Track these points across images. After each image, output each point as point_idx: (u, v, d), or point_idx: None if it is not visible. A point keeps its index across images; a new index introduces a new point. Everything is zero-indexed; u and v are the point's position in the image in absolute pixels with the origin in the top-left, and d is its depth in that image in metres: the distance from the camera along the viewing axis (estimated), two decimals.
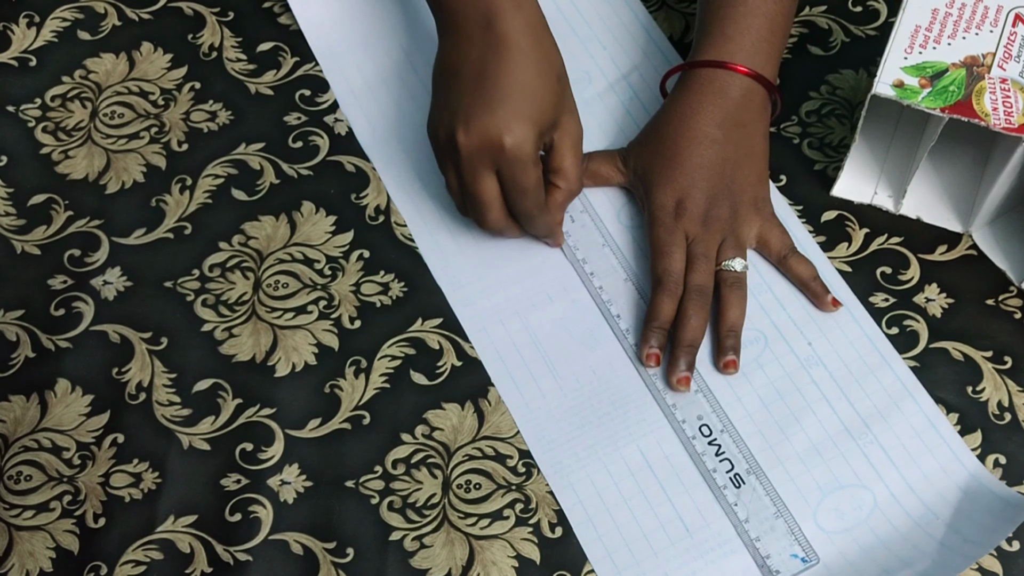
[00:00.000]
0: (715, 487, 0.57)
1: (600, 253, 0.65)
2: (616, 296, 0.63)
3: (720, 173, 0.63)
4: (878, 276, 0.63)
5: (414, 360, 0.62)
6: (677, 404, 0.60)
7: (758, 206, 0.64)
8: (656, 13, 0.73)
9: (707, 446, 0.58)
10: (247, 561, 0.56)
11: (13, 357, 0.62)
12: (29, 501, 0.59)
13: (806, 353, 0.61)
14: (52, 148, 0.70)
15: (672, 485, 0.58)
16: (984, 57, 0.60)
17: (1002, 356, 0.61)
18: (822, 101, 0.70)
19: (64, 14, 0.75)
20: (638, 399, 0.60)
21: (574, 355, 0.62)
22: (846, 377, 0.60)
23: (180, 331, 0.63)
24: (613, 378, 0.61)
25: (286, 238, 0.66)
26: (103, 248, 0.66)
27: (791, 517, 0.56)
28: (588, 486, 0.58)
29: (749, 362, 0.61)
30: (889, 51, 0.60)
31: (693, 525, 0.56)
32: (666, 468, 0.58)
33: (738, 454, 0.58)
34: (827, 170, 0.67)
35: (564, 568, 0.56)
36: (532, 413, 0.60)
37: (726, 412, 0.59)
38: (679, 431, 0.59)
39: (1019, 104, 0.58)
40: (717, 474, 0.58)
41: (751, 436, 0.58)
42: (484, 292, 0.64)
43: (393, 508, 0.58)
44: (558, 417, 0.60)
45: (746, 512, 0.56)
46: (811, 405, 0.59)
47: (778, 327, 0.62)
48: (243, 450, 0.59)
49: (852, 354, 0.61)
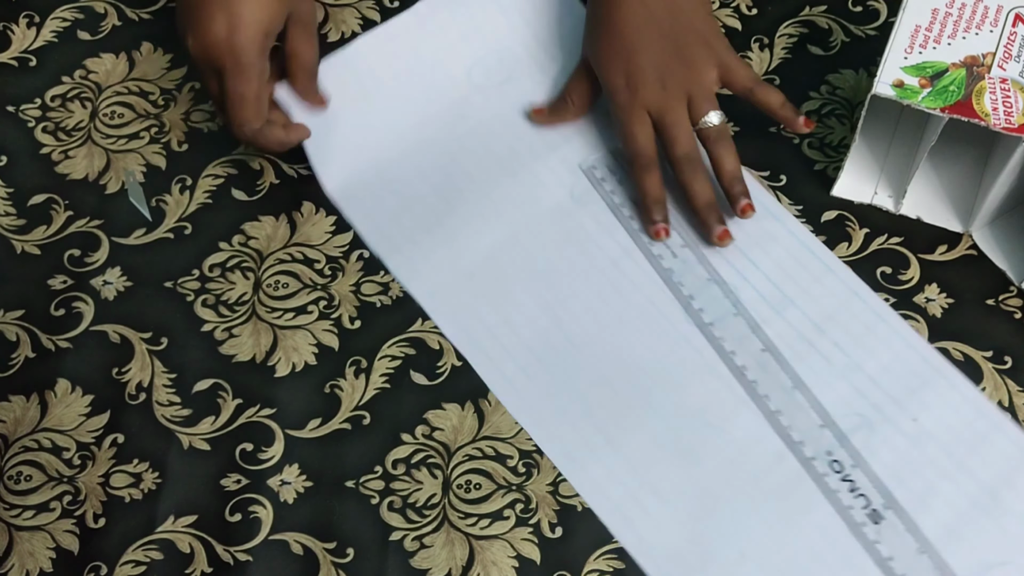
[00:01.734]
0: (853, 524, 0.55)
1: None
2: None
3: (659, 30, 0.62)
4: (878, 276, 0.63)
5: (414, 360, 0.62)
6: (805, 441, 0.57)
7: (710, 43, 0.63)
8: None
9: (840, 482, 0.56)
10: (247, 561, 0.56)
11: (13, 357, 0.62)
12: (29, 501, 0.59)
13: (914, 431, 0.58)
14: (52, 148, 0.70)
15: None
16: (984, 57, 0.60)
17: (1002, 356, 0.61)
18: (822, 101, 0.69)
19: (64, 14, 0.75)
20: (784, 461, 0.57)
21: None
22: (960, 448, 0.57)
23: (180, 331, 0.63)
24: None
25: (286, 238, 0.66)
26: (103, 248, 0.66)
27: (936, 553, 0.54)
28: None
29: (859, 450, 0.57)
30: (889, 51, 0.60)
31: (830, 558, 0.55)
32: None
33: (873, 490, 0.56)
34: (827, 170, 0.67)
35: (564, 568, 0.56)
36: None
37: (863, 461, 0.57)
38: (812, 471, 0.57)
39: (1019, 104, 0.58)
40: (854, 511, 0.55)
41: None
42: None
43: (393, 508, 0.58)
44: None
45: (890, 550, 0.54)
46: (933, 486, 0.56)
47: (880, 408, 0.58)
48: (243, 450, 0.59)
49: (959, 423, 0.58)
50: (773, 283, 0.62)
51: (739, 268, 0.63)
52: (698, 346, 0.61)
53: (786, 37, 0.72)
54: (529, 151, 0.67)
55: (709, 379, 0.60)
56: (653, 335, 0.61)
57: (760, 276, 0.63)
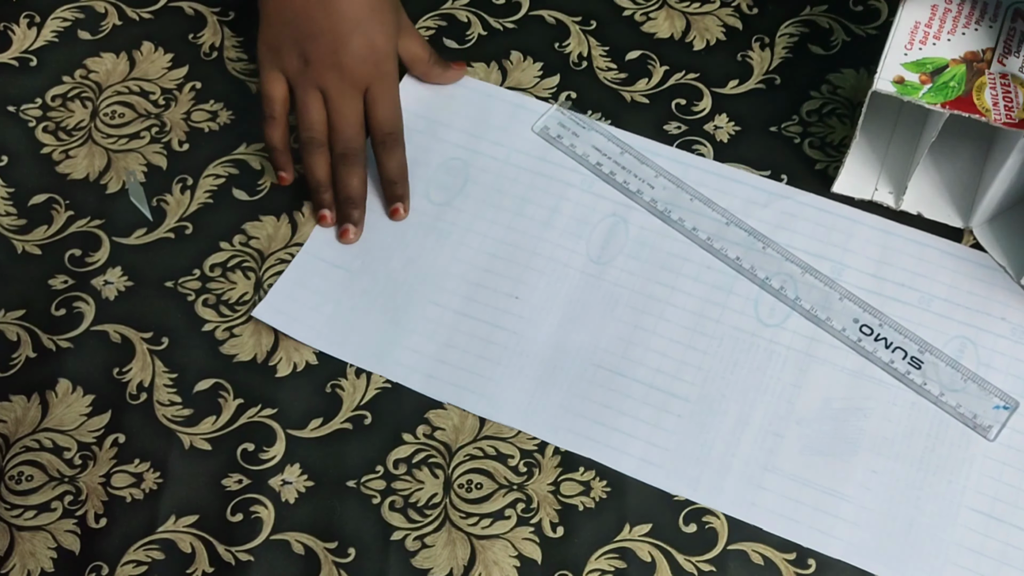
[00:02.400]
0: (899, 375, 0.59)
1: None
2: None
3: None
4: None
5: None
6: (831, 318, 0.61)
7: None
8: (657, 12, 0.73)
9: (875, 342, 0.60)
10: (248, 561, 0.56)
11: (14, 357, 0.62)
12: (30, 501, 0.59)
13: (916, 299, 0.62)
14: (53, 148, 0.70)
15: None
16: (984, 52, 0.60)
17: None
18: (823, 100, 0.69)
19: (64, 14, 0.75)
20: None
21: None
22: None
23: (181, 331, 0.63)
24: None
25: (287, 238, 0.66)
26: (104, 248, 0.66)
27: (978, 376, 0.59)
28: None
29: (880, 309, 0.62)
30: (889, 47, 0.60)
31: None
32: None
33: (905, 340, 0.60)
34: (828, 169, 0.67)
35: (566, 568, 0.56)
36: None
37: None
38: (847, 341, 0.61)
39: (1019, 99, 0.58)
40: (896, 364, 0.60)
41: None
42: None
43: (394, 508, 0.58)
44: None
45: (939, 386, 0.59)
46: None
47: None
48: (244, 450, 0.59)
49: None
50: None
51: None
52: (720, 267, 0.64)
53: (787, 36, 0.72)
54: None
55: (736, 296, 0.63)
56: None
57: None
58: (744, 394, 0.60)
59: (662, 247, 0.64)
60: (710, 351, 0.61)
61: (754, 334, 0.61)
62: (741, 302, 0.62)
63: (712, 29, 0.72)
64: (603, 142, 0.68)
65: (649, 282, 0.63)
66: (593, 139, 0.68)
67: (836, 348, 0.61)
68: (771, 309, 0.62)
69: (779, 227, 0.65)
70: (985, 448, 0.58)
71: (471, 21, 0.73)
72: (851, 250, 0.64)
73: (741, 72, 0.71)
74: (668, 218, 0.65)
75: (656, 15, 0.73)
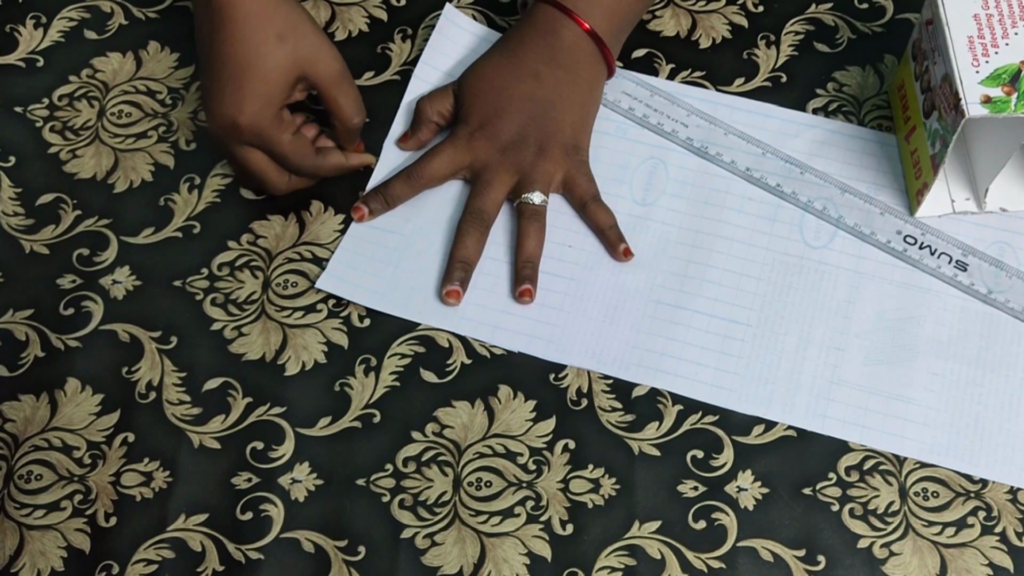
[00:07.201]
0: (947, 279, 0.62)
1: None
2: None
3: (533, 109, 0.65)
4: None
5: (424, 358, 0.62)
6: (875, 232, 0.64)
7: (568, 152, 0.65)
8: (663, 10, 0.73)
9: (919, 250, 0.63)
10: (259, 559, 0.57)
11: (23, 357, 0.62)
12: (40, 500, 0.59)
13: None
14: (60, 148, 0.70)
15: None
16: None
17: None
18: (829, 98, 0.70)
19: (71, 14, 0.75)
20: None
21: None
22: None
23: (189, 330, 0.63)
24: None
25: (295, 237, 0.66)
26: (112, 247, 0.66)
27: (1022, 273, 0.62)
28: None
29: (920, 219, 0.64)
30: (957, 71, 0.58)
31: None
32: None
33: (948, 245, 0.63)
34: None
35: (575, 565, 0.56)
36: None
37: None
38: (894, 252, 0.63)
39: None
40: (943, 268, 0.62)
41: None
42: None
43: (404, 506, 0.58)
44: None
45: (985, 286, 0.61)
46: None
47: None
48: (254, 449, 0.60)
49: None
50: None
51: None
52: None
53: (792, 34, 0.72)
54: None
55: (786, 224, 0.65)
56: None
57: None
58: (802, 314, 0.62)
59: (703, 184, 0.66)
60: (763, 277, 0.63)
61: (803, 257, 0.63)
62: (786, 228, 0.64)
63: (718, 27, 0.73)
64: (632, 87, 0.69)
65: (696, 218, 0.65)
66: (622, 85, 0.69)
67: (883, 263, 0.63)
68: (816, 232, 0.64)
69: (812, 155, 0.67)
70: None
71: (477, 19, 0.74)
72: (884, 171, 0.66)
73: (747, 70, 0.71)
74: (706, 154, 0.67)
75: (662, 13, 0.73)
